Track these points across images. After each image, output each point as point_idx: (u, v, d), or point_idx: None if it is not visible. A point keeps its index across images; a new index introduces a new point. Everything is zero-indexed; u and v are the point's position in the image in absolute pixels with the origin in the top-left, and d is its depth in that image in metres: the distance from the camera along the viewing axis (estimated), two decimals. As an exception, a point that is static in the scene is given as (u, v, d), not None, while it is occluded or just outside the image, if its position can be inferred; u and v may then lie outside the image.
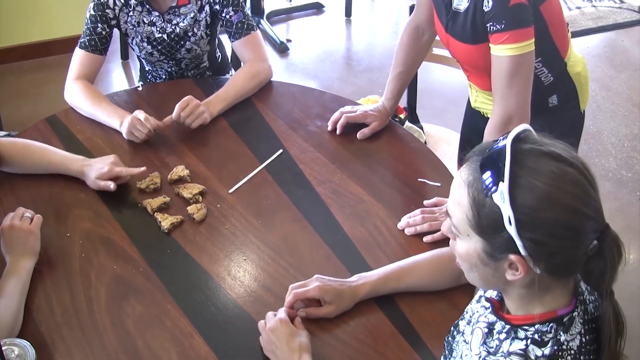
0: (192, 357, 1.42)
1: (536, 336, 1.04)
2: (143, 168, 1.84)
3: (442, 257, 1.53)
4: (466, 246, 1.05)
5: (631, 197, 3.28)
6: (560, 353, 1.02)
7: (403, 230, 1.71)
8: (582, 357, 1.03)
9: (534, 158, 0.98)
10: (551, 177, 0.97)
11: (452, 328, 1.29)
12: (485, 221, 1.00)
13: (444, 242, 1.66)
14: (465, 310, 1.27)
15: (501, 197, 0.96)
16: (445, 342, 1.30)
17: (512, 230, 0.97)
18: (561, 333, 1.04)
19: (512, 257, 1.00)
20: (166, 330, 1.48)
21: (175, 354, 1.42)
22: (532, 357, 1.03)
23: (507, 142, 0.98)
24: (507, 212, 0.96)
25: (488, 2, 1.68)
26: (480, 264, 1.05)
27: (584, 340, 1.04)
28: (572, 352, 1.03)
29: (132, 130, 1.97)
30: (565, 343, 1.03)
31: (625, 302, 1.10)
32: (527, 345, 1.04)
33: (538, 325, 1.05)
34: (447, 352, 1.28)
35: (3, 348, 1.27)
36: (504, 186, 0.96)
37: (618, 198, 3.26)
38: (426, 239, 1.68)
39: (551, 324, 1.04)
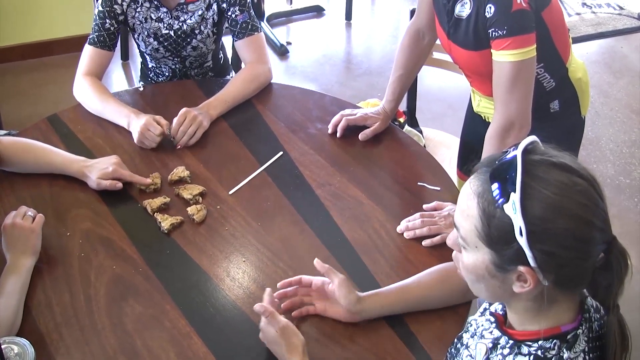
0: (190, 357, 1.42)
1: (539, 352, 1.04)
2: (148, 180, 1.84)
3: (448, 269, 1.51)
4: (474, 258, 1.04)
5: (629, 204, 3.29)
6: None
7: (402, 234, 1.72)
8: None
9: (544, 169, 0.98)
10: (562, 188, 0.97)
11: (455, 340, 1.29)
12: (495, 232, 0.99)
13: (443, 246, 1.67)
14: (469, 322, 1.27)
15: (513, 207, 0.96)
16: (449, 353, 1.29)
17: (522, 241, 0.96)
18: (564, 350, 1.03)
19: (521, 268, 0.99)
20: (165, 331, 1.48)
21: (174, 354, 1.43)
22: None
23: (518, 153, 0.98)
24: (518, 222, 0.96)
25: (490, 8, 1.69)
26: (487, 275, 1.04)
27: (587, 358, 1.04)
28: None
29: (143, 140, 1.98)
30: None
31: (624, 309, 1.10)
32: None
33: (542, 341, 1.05)
34: None
35: (2, 346, 1.28)
36: (515, 197, 0.95)
37: (616, 204, 3.27)
38: (425, 243, 1.68)
39: (555, 341, 1.04)
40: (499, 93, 1.76)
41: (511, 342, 1.10)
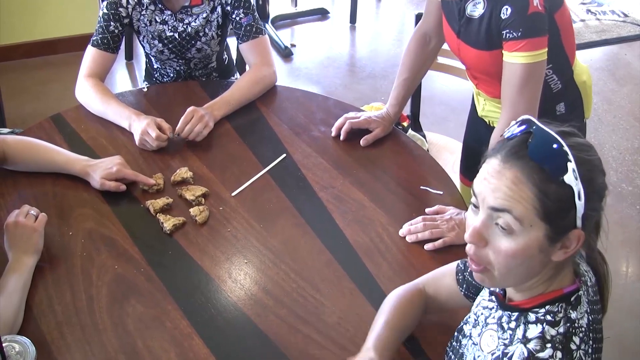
0: (191, 358, 1.42)
1: (548, 317, 1.07)
2: (152, 181, 1.85)
3: (408, 292, 1.45)
4: (525, 239, 1.03)
5: (631, 211, 3.28)
6: (573, 330, 1.06)
7: (404, 237, 1.72)
8: (591, 335, 1.07)
9: (566, 138, 1.02)
10: (585, 149, 1.04)
11: (455, 333, 1.30)
12: (554, 205, 1.01)
13: (444, 249, 1.68)
14: (468, 315, 1.29)
15: (574, 175, 0.99)
16: (449, 347, 1.30)
17: (580, 204, 1.01)
18: (570, 311, 1.07)
19: (572, 233, 1.03)
20: (166, 331, 1.48)
21: (175, 355, 1.43)
22: (549, 338, 1.05)
23: (547, 129, 1.02)
24: (577, 187, 1.00)
25: (506, 9, 1.69)
26: (536, 252, 1.04)
27: (590, 319, 1.08)
28: (583, 329, 1.06)
29: (143, 143, 1.98)
30: (577, 320, 1.07)
31: (623, 315, 1.12)
32: (543, 328, 1.07)
33: (548, 306, 1.08)
34: (453, 357, 1.29)
35: (3, 344, 1.27)
36: (572, 165, 0.99)
37: (618, 211, 3.27)
38: (427, 246, 1.68)
39: (561, 304, 1.08)
40: (508, 94, 1.76)
41: (516, 314, 1.12)
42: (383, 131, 2.08)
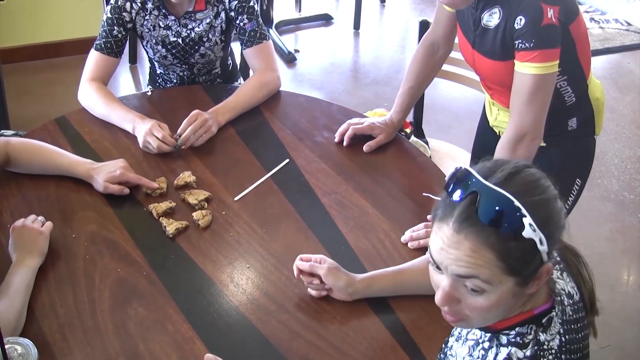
0: (192, 362, 1.43)
1: (517, 339, 1.07)
2: (155, 184, 1.85)
3: None
4: (496, 294, 1.03)
5: (632, 219, 3.28)
6: (541, 353, 1.05)
7: (406, 243, 1.72)
8: (563, 357, 1.06)
9: (513, 182, 1.01)
10: (536, 186, 1.02)
11: (443, 345, 1.30)
12: (516, 261, 1.00)
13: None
14: (455, 327, 1.29)
15: (531, 228, 0.98)
16: (438, 359, 1.31)
17: (543, 248, 1.00)
18: (540, 333, 1.06)
19: (542, 268, 1.03)
20: (168, 335, 1.48)
21: (176, 358, 1.43)
22: None
23: (492, 186, 1.00)
24: (537, 236, 0.99)
25: (520, 20, 1.70)
26: (511, 299, 1.04)
27: (563, 339, 1.07)
28: (553, 351, 1.06)
29: (147, 145, 1.99)
30: (546, 343, 1.06)
31: (624, 324, 1.13)
32: (510, 350, 1.07)
33: (518, 328, 1.08)
34: None
35: (6, 346, 1.28)
36: (528, 220, 0.98)
37: (619, 220, 3.27)
38: (429, 253, 1.68)
39: (531, 326, 1.08)
40: (516, 103, 1.77)
41: (489, 334, 1.12)
42: (386, 137, 2.08)
